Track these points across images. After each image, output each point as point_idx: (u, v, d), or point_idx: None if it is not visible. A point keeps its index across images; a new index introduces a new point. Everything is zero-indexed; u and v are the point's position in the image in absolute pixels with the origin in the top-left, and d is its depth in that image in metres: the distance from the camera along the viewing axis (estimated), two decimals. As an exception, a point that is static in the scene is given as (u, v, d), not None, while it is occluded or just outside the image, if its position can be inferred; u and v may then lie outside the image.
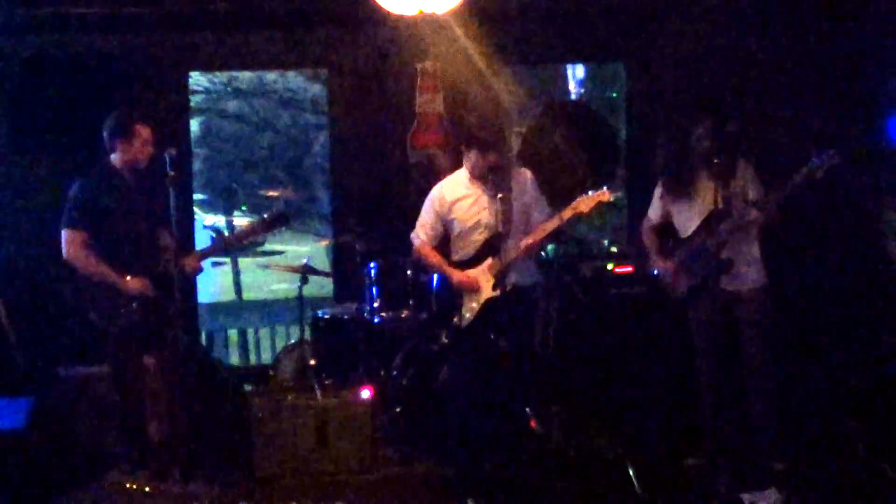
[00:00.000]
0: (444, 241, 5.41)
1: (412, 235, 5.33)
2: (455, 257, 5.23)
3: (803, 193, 4.98)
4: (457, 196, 5.20)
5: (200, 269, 5.39)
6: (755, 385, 5.09)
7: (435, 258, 5.26)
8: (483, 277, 5.07)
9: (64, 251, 5.00)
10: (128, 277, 4.96)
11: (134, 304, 4.94)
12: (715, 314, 5.05)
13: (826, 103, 6.57)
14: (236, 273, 14.52)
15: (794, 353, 6.14)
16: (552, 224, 4.98)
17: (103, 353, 5.17)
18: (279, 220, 5.43)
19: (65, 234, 5.00)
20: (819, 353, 6.33)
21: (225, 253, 12.69)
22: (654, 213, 5.37)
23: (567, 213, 4.96)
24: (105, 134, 5.09)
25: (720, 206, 4.91)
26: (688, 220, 5.15)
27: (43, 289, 6.22)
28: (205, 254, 5.53)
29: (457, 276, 5.12)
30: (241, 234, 5.78)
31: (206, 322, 9.13)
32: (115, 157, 5.09)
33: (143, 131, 5.07)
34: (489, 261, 5.06)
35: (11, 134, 6.40)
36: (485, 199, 5.11)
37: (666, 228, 5.35)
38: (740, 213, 4.98)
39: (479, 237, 5.13)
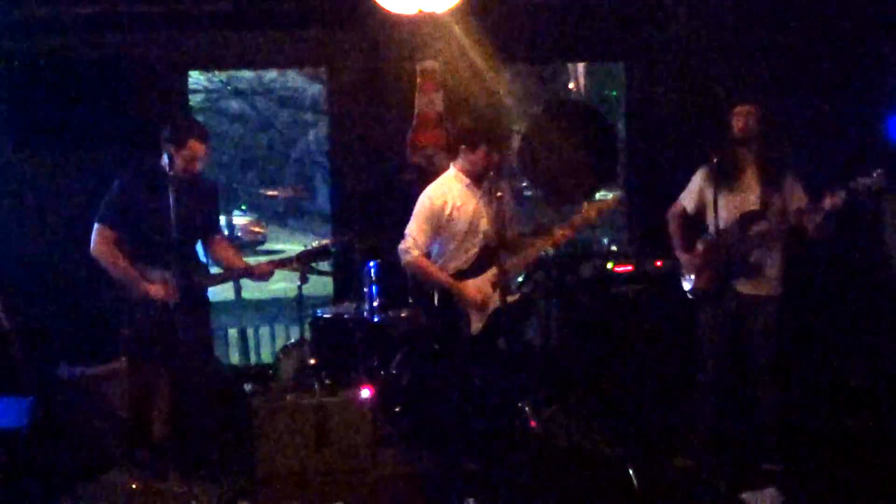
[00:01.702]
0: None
1: (403, 249, 4.99)
2: (451, 266, 5.03)
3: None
4: (458, 203, 4.98)
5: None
6: (761, 391, 5.10)
7: (438, 273, 4.98)
8: (487, 288, 5.00)
9: (92, 245, 4.93)
10: (150, 284, 4.89)
11: (151, 312, 4.90)
12: (728, 316, 5.04)
13: (826, 103, 6.57)
14: (236, 273, 14.51)
15: (794, 353, 6.15)
16: (562, 232, 4.91)
17: (121, 349, 5.15)
18: (320, 254, 5.43)
19: (96, 229, 4.94)
20: (819, 353, 6.34)
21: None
22: (688, 200, 5.23)
23: (578, 221, 4.91)
24: (161, 135, 4.96)
25: (758, 206, 4.92)
26: (726, 213, 4.98)
27: (44, 288, 6.22)
28: (233, 274, 5.52)
29: (467, 293, 4.94)
30: (275, 265, 5.61)
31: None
32: (164, 161, 4.93)
33: (196, 147, 4.91)
34: (493, 269, 4.93)
35: (12, 134, 6.40)
36: (481, 205, 4.97)
37: (690, 219, 5.23)
38: (777, 219, 4.93)
39: (476, 245, 5.00)
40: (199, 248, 5.32)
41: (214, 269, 5.37)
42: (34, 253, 6.30)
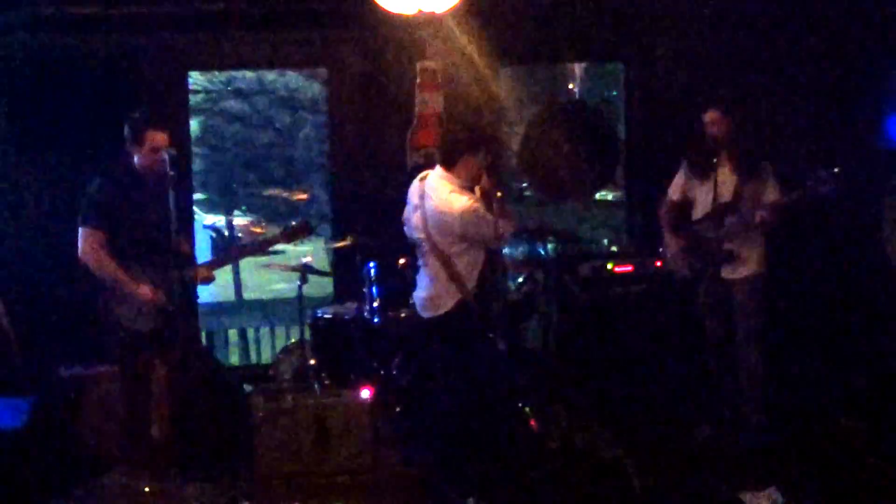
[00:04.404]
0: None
1: (503, 235, 5.01)
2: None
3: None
4: None
5: (212, 279, 5.33)
6: (742, 362, 5.48)
7: None
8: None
9: (79, 249, 4.90)
10: (141, 285, 4.88)
11: (143, 310, 4.90)
12: (717, 299, 5.47)
13: (826, 103, 6.57)
14: (236, 273, 14.52)
15: (793, 353, 6.16)
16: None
17: (112, 353, 5.15)
18: (302, 230, 5.42)
19: (81, 233, 4.90)
20: (819, 352, 6.34)
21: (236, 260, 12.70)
22: (673, 191, 5.69)
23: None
24: (125, 138, 5.01)
25: (730, 199, 5.29)
26: (703, 204, 5.47)
27: (43, 288, 6.22)
28: (218, 263, 5.53)
29: None
30: (261, 243, 5.67)
31: (206, 322, 9.14)
32: (135, 160, 4.99)
33: (155, 137, 4.92)
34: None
35: (12, 134, 6.39)
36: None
37: (684, 207, 5.65)
38: (747, 211, 5.28)
39: None
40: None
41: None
42: (34, 254, 6.29)
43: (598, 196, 10.01)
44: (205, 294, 10.50)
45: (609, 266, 6.52)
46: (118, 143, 5.07)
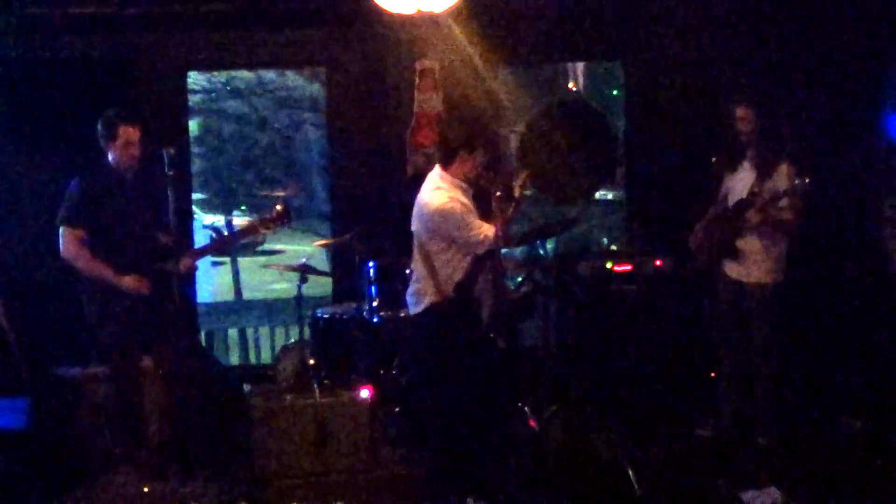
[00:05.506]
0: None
1: (482, 240, 4.83)
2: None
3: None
4: (471, 207, 4.95)
5: (195, 268, 5.37)
6: (759, 370, 5.43)
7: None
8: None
9: (61, 248, 5.00)
10: (125, 277, 4.95)
11: (129, 303, 4.94)
12: (722, 295, 5.50)
13: (826, 103, 6.57)
14: (236, 273, 14.52)
15: (793, 353, 6.15)
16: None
17: (101, 353, 5.17)
18: (281, 218, 5.43)
19: (62, 232, 5.00)
20: (819, 352, 6.34)
21: (222, 252, 12.73)
22: (723, 185, 5.63)
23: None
24: (97, 135, 5.10)
25: (746, 196, 5.28)
26: (730, 199, 5.46)
27: (43, 289, 6.22)
28: (201, 252, 5.54)
29: None
30: (239, 233, 5.75)
31: (206, 322, 9.13)
32: (110, 157, 5.10)
33: (127, 132, 5.01)
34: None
35: (10, 134, 6.39)
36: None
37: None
38: (765, 207, 5.23)
39: None
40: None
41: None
42: (34, 253, 6.29)
43: (598, 196, 10.00)
44: (205, 294, 10.56)
45: (608, 265, 6.51)
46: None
